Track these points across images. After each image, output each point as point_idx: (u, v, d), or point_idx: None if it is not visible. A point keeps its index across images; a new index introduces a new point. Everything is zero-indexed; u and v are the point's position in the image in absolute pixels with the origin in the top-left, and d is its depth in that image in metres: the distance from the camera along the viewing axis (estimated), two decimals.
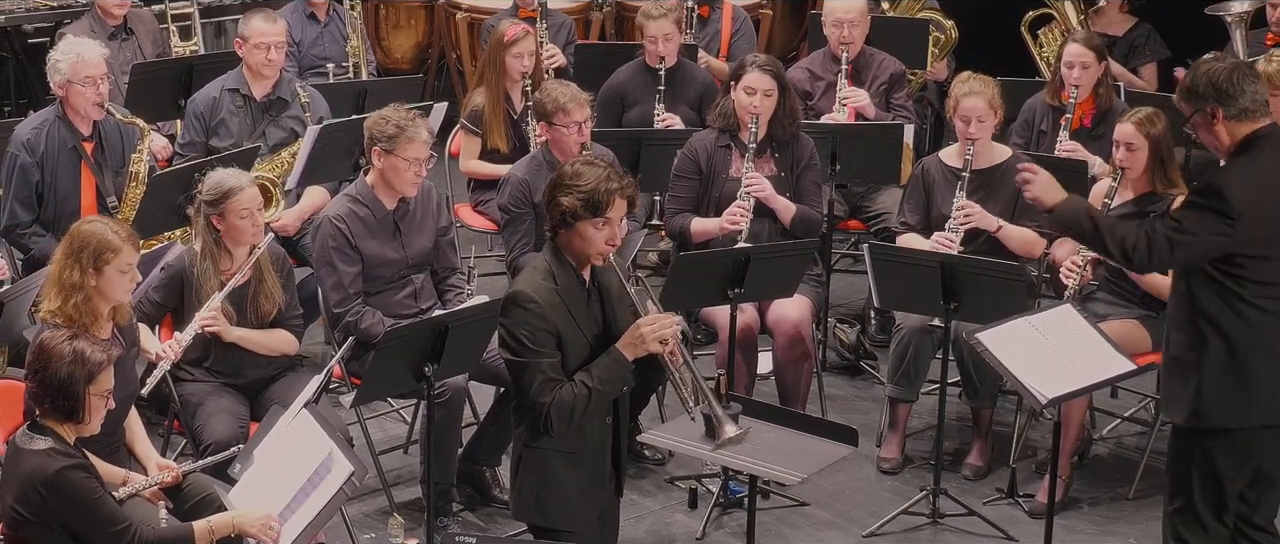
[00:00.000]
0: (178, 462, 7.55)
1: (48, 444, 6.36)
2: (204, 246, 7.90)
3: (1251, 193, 6.59)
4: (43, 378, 6.38)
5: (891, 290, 8.55)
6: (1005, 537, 8.35)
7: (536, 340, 6.44)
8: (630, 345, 6.50)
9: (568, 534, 6.66)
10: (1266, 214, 6.61)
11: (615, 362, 6.50)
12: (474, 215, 10.31)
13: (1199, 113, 6.74)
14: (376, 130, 8.28)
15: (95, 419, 6.45)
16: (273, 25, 9.80)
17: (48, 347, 6.39)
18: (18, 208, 9.00)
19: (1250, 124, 6.70)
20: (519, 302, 6.46)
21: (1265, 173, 6.65)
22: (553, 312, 6.46)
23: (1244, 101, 6.68)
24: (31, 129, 9.04)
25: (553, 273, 6.53)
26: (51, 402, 6.38)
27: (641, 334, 6.49)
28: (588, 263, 6.58)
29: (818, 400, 9.30)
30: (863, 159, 9.75)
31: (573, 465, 6.63)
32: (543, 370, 6.44)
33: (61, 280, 7.09)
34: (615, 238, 6.54)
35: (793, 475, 6.59)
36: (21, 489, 6.34)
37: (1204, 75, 6.73)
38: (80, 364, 6.35)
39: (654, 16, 10.50)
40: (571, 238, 6.52)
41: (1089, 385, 7.49)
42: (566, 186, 6.49)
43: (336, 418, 7.83)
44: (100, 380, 6.40)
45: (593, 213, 6.45)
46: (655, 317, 6.56)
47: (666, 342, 6.51)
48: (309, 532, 6.53)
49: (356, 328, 8.23)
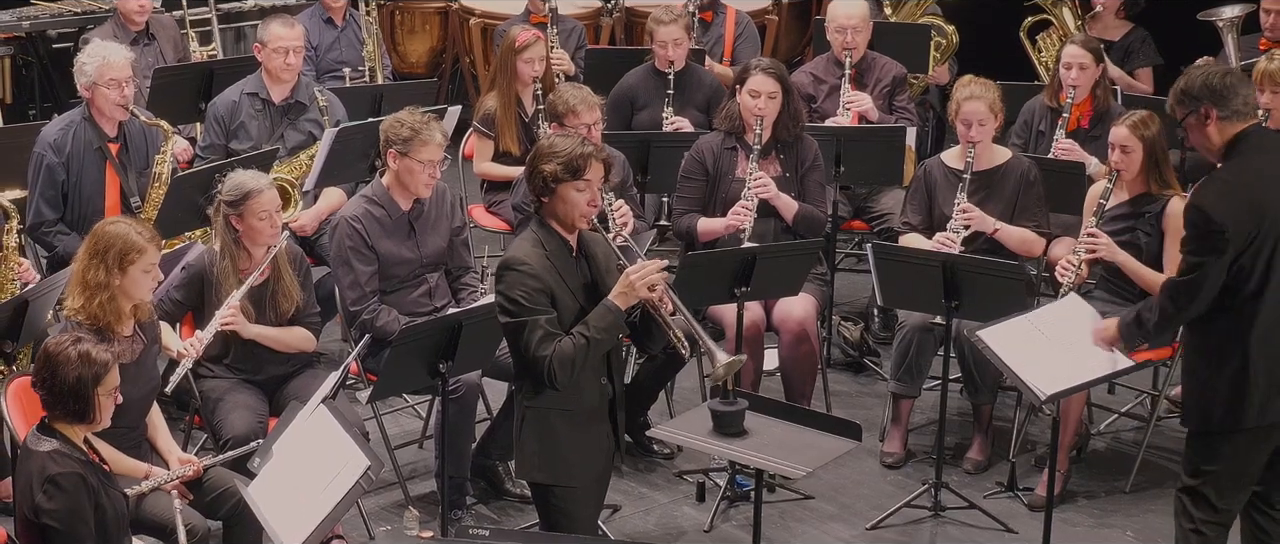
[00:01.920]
0: (198, 456, 7.57)
1: (54, 445, 6.36)
2: (223, 246, 7.90)
3: (1228, 203, 6.66)
4: (52, 385, 6.36)
5: (894, 289, 8.55)
6: (1005, 529, 8.34)
7: (532, 299, 6.57)
8: (622, 294, 6.62)
9: (568, 491, 6.74)
10: (1244, 216, 6.66)
11: (609, 311, 6.61)
12: (487, 216, 10.31)
13: (1193, 114, 6.81)
14: (392, 133, 8.29)
15: (105, 416, 6.45)
16: (291, 30, 9.81)
17: (54, 353, 6.38)
18: (43, 206, 9.01)
19: (1239, 124, 6.79)
20: (511, 265, 6.62)
21: (1239, 179, 6.73)
22: (545, 273, 6.60)
23: (1236, 103, 6.77)
24: (58, 130, 9.05)
25: (541, 241, 6.67)
26: (62, 406, 6.37)
27: (631, 282, 6.61)
28: (574, 229, 6.72)
29: (822, 396, 9.29)
30: (866, 161, 9.75)
31: (572, 423, 6.72)
32: (541, 325, 6.55)
33: (85, 280, 7.10)
34: (596, 199, 6.68)
35: (798, 469, 6.60)
36: (27, 487, 6.34)
37: (1199, 77, 6.82)
38: (87, 366, 6.34)
39: (663, 22, 10.49)
40: (555, 204, 6.67)
41: (1087, 381, 7.51)
42: (546, 155, 6.66)
43: (353, 413, 7.84)
44: (107, 380, 6.40)
45: (572, 175, 6.61)
46: (642, 264, 6.68)
47: (655, 287, 6.63)
48: (326, 524, 6.52)
49: (373, 325, 8.23)
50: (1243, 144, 6.77)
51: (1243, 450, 6.87)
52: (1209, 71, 6.84)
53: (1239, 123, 6.77)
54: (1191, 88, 6.80)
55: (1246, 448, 6.87)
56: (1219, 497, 6.93)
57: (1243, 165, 6.75)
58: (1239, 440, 6.85)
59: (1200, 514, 6.96)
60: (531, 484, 6.90)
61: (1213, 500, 6.94)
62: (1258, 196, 6.69)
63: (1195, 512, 6.96)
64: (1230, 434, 6.85)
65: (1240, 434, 6.84)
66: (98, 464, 6.48)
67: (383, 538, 8.23)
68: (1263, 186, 6.70)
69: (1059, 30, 11.22)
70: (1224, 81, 6.77)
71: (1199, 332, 6.85)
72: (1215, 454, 6.89)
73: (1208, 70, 6.86)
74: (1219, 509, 6.95)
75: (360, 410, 8.34)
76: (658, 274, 6.63)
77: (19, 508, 6.51)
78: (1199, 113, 6.77)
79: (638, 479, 8.71)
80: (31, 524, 6.33)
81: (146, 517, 7.05)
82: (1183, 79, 6.89)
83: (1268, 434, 6.88)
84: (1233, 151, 6.78)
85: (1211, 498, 6.93)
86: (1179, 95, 6.85)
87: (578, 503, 6.79)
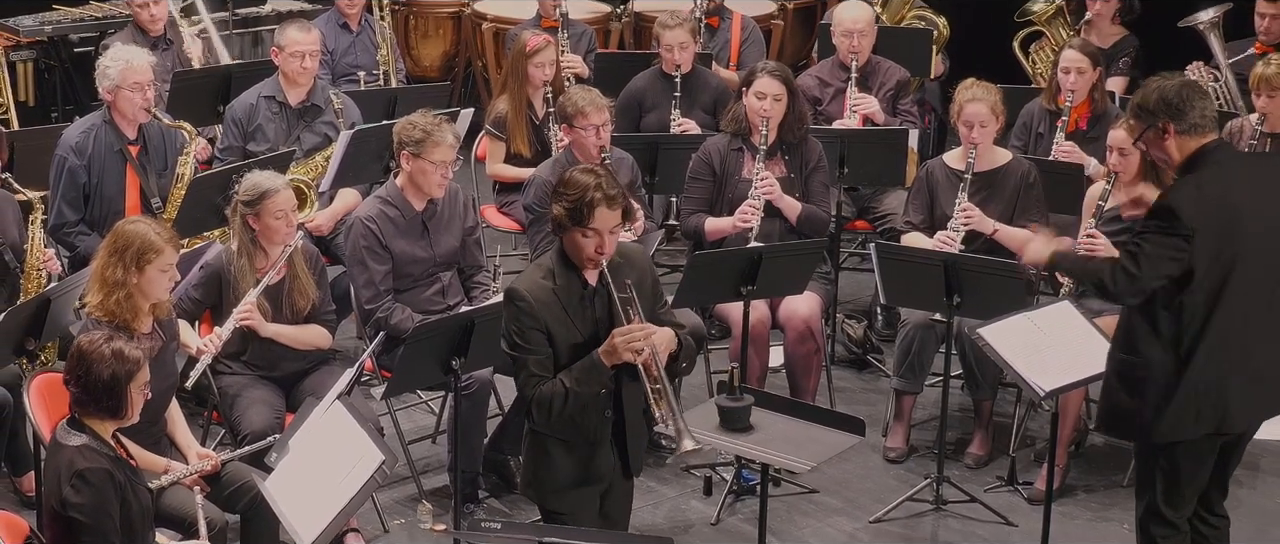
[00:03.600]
0: (217, 451, 7.57)
1: (83, 440, 6.34)
2: (240, 245, 7.91)
3: (1201, 208, 6.57)
4: (86, 382, 6.34)
5: (897, 287, 8.54)
6: (1005, 522, 8.34)
7: (525, 337, 6.36)
8: (606, 353, 6.36)
9: (558, 517, 6.59)
10: (1216, 228, 6.59)
11: (593, 366, 6.36)
12: (499, 216, 10.31)
13: (1151, 128, 6.71)
14: (404, 135, 8.29)
15: (136, 411, 6.44)
16: (307, 35, 9.81)
17: (87, 351, 6.35)
18: (65, 208, 9.01)
19: (1198, 139, 6.67)
20: (512, 298, 6.40)
21: (1212, 188, 6.63)
22: (544, 310, 6.36)
23: (1193, 117, 6.64)
24: (80, 133, 9.06)
25: (553, 272, 6.42)
26: (96, 403, 6.35)
27: (614, 345, 6.35)
28: (585, 268, 6.47)
29: (826, 392, 9.29)
30: (870, 162, 9.75)
31: (568, 453, 6.54)
32: (527, 366, 6.37)
33: (104, 277, 7.10)
34: (604, 246, 6.37)
35: (803, 464, 6.60)
36: (55, 480, 6.33)
37: (1155, 92, 6.71)
38: (121, 363, 6.33)
39: (670, 26, 10.50)
40: (566, 243, 6.43)
41: (1085, 378, 7.49)
42: (558, 194, 6.40)
43: (368, 409, 7.85)
44: (139, 376, 6.39)
45: (576, 222, 6.31)
46: (629, 328, 6.36)
47: (640, 352, 6.36)
48: (342, 518, 6.51)
49: (387, 323, 8.23)
50: (1207, 158, 6.65)
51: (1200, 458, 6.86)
52: (1165, 86, 6.71)
53: (1198, 136, 6.66)
54: (1147, 103, 6.70)
55: (1200, 456, 6.86)
56: (1174, 509, 6.91)
57: (1215, 175, 6.63)
58: (1195, 449, 6.83)
59: (1160, 530, 6.95)
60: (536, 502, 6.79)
61: (1169, 516, 6.92)
62: (1227, 214, 6.60)
63: (1155, 527, 6.95)
64: (1188, 445, 6.81)
65: (1195, 444, 6.81)
66: (125, 460, 6.48)
67: (397, 531, 8.24)
68: (1231, 203, 6.61)
69: (1051, 41, 11.24)
70: (1180, 95, 6.64)
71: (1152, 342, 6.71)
72: (1174, 466, 6.85)
73: (1164, 85, 6.72)
74: (1175, 523, 6.94)
75: (375, 406, 8.34)
76: (643, 340, 6.33)
77: (46, 501, 6.50)
78: (1156, 127, 6.67)
79: (647, 474, 8.68)
80: (58, 517, 6.32)
81: (166, 510, 7.05)
82: (1139, 94, 6.80)
83: (1212, 444, 6.87)
84: (1196, 166, 6.66)
85: (1166, 513, 6.91)
86: (1135, 110, 6.76)
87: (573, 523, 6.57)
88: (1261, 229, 6.67)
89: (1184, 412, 6.71)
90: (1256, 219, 6.65)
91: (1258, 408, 6.92)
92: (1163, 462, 6.86)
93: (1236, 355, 6.71)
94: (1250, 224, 6.63)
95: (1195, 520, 7.04)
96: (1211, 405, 6.72)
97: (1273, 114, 9.34)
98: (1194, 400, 6.70)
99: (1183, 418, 6.72)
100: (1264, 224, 6.68)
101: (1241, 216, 6.62)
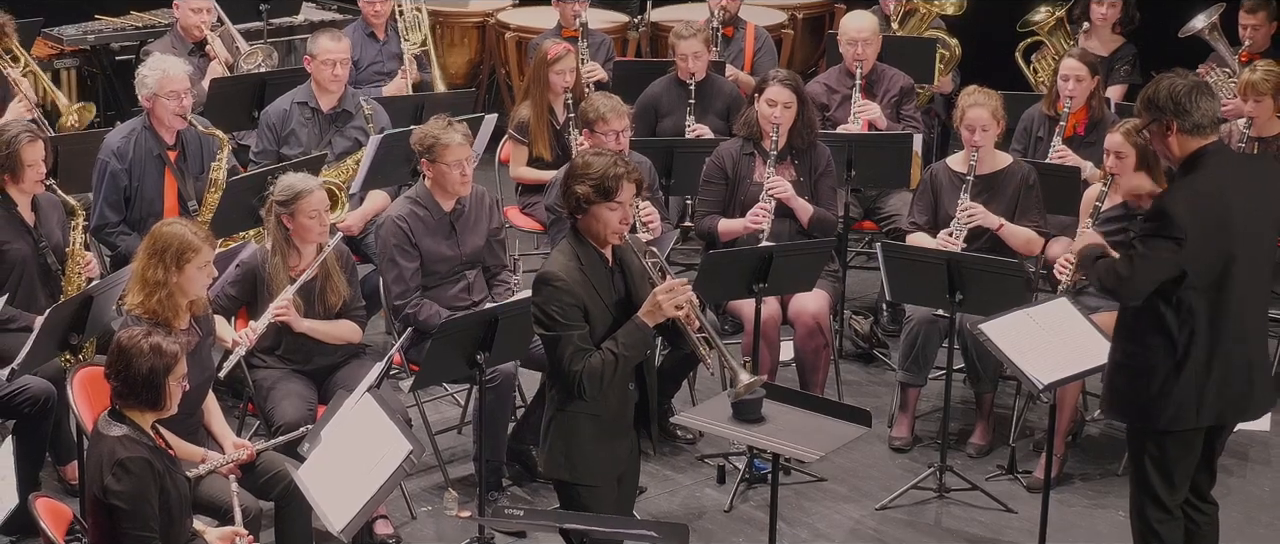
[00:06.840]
0: (252, 441, 7.58)
1: (124, 431, 6.35)
2: (275, 244, 7.91)
3: (1195, 212, 6.55)
4: (126, 376, 6.34)
5: (902, 285, 8.54)
6: (1005, 509, 8.33)
7: (566, 315, 6.40)
8: (649, 313, 6.45)
9: (589, 488, 6.59)
10: (1210, 230, 6.57)
11: (637, 329, 6.45)
12: (521, 217, 10.30)
13: (1156, 122, 6.68)
14: (419, 146, 8.35)
15: (174, 403, 6.44)
16: (338, 43, 9.82)
17: (127, 346, 6.36)
18: (107, 209, 9.03)
19: (1200, 139, 6.64)
20: (548, 281, 6.44)
21: (1208, 191, 6.61)
22: (579, 288, 6.42)
23: (1197, 117, 6.61)
24: (121, 138, 9.07)
25: (577, 254, 6.48)
26: (136, 396, 6.36)
27: (658, 301, 6.44)
28: (607, 244, 6.53)
29: (835, 385, 9.28)
30: (876, 165, 9.74)
31: (598, 427, 6.56)
32: (573, 342, 6.39)
33: (145, 277, 7.12)
34: (628, 218, 6.52)
35: (812, 453, 6.59)
36: (97, 469, 6.34)
37: (1166, 89, 6.66)
38: (159, 357, 6.33)
39: (685, 36, 10.50)
40: (589, 222, 6.48)
41: (1082, 371, 7.48)
42: (579, 176, 6.46)
43: (397, 401, 7.85)
44: (177, 369, 6.39)
45: (604, 197, 6.42)
46: (671, 283, 6.49)
47: (682, 307, 6.47)
48: (371, 505, 6.52)
49: (415, 319, 8.23)
50: (1205, 160, 6.62)
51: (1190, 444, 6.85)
52: (1176, 84, 6.66)
53: (1199, 137, 6.62)
54: (1156, 98, 6.66)
55: (1190, 442, 6.85)
56: (1168, 495, 6.90)
57: (1210, 177, 6.61)
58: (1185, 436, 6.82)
59: (1156, 515, 6.93)
60: (555, 482, 6.74)
61: (1164, 500, 6.91)
62: (1221, 214, 6.58)
63: (1152, 513, 6.94)
64: (1182, 433, 6.80)
65: (1188, 433, 6.81)
66: (164, 449, 6.48)
67: (424, 517, 8.24)
68: (1225, 203, 6.59)
69: (1052, 51, 11.22)
70: (1189, 95, 6.60)
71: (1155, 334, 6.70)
72: (1163, 453, 6.84)
73: (1175, 82, 6.68)
74: (1169, 509, 6.93)
75: (403, 398, 8.33)
76: (684, 294, 6.47)
77: (88, 489, 6.52)
78: (1162, 122, 6.64)
79: (662, 462, 8.70)
80: (100, 504, 6.33)
81: (203, 498, 7.06)
82: (1151, 86, 6.76)
83: (1199, 430, 6.85)
84: (1194, 166, 6.64)
85: (1162, 498, 6.90)
86: (1145, 102, 6.73)
87: (599, 501, 6.60)
88: (1254, 228, 6.66)
89: (1185, 403, 6.70)
90: (1248, 218, 6.63)
91: (1256, 401, 6.91)
92: (1152, 449, 6.85)
93: (1235, 349, 6.70)
94: (1243, 223, 6.61)
95: (1187, 507, 7.02)
96: (1212, 398, 6.71)
97: (1259, 118, 9.34)
98: (1195, 393, 6.70)
99: (1185, 409, 6.71)
100: (1255, 223, 6.67)
101: (1236, 216, 6.60)
